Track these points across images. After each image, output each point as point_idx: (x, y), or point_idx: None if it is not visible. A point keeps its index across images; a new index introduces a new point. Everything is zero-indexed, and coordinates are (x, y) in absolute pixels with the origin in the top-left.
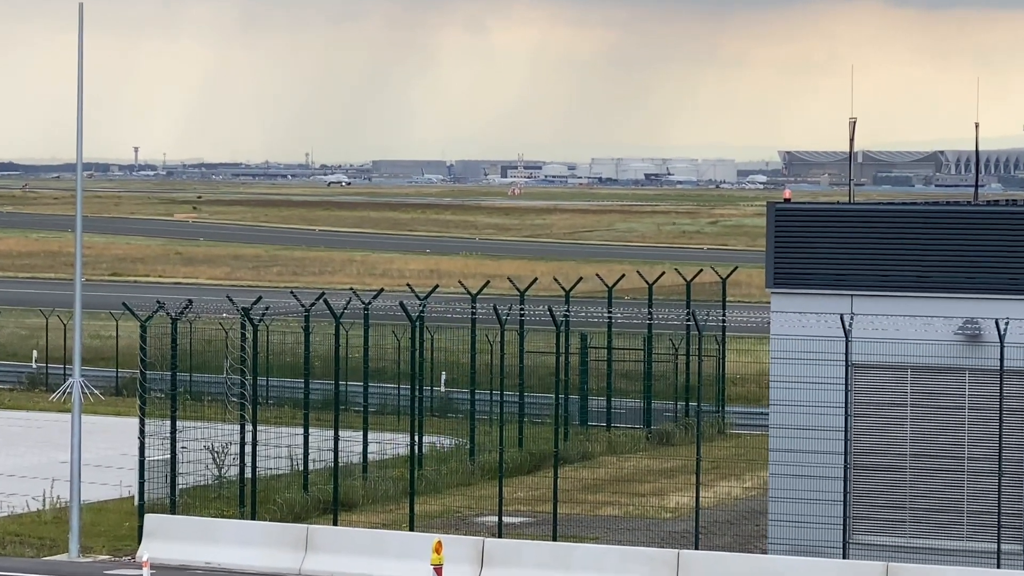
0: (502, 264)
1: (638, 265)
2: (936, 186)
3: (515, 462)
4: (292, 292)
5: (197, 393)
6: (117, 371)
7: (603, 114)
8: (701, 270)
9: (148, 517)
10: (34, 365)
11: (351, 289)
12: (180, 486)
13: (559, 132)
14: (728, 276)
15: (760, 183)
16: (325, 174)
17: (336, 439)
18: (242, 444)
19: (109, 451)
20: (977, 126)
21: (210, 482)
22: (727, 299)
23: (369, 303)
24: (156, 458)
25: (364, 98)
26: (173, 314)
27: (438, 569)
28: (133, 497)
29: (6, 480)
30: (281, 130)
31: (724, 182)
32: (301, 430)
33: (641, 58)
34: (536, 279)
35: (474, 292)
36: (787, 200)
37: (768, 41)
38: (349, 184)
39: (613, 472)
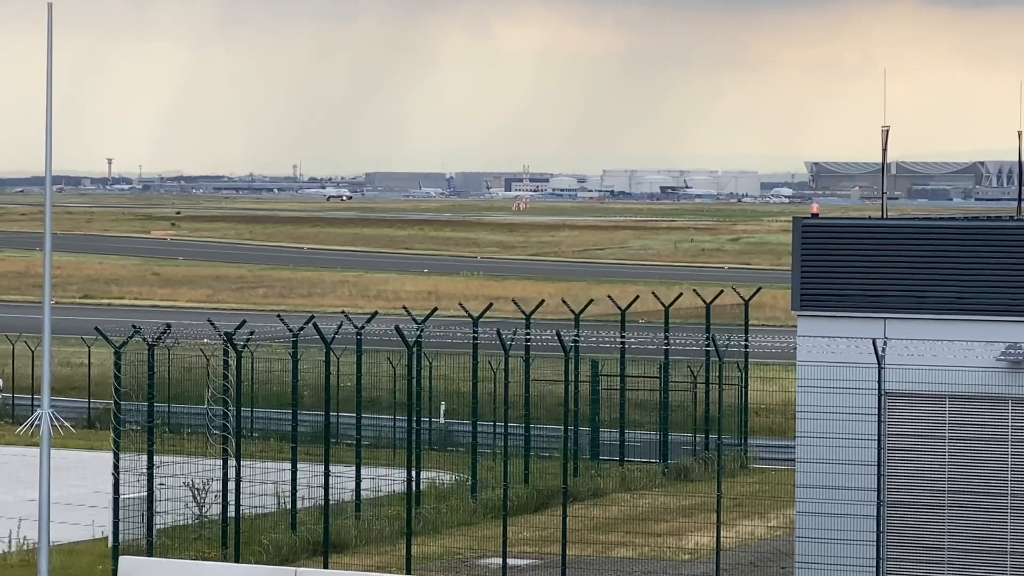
0: (506, 285)
1: (653, 286)
2: (976, 200)
3: (521, 499)
4: (279, 315)
5: (176, 425)
6: (89, 402)
7: (615, 122)
8: (722, 291)
9: (123, 559)
10: None
11: (343, 312)
12: (158, 526)
13: (568, 142)
14: (751, 298)
15: (785, 197)
16: (321, 187)
17: (327, 475)
18: (225, 480)
19: (81, 488)
20: (1021, 135)
21: (190, 521)
22: (750, 322)
23: (362, 327)
24: (132, 496)
25: (357, 105)
26: (150, 340)
27: None
28: (107, 538)
29: None
30: (267, 140)
31: (746, 196)
32: (289, 465)
33: (657, 61)
34: (543, 301)
35: (476, 315)
36: (815, 215)
37: (794, 42)
38: (350, 199)
39: (627, 510)
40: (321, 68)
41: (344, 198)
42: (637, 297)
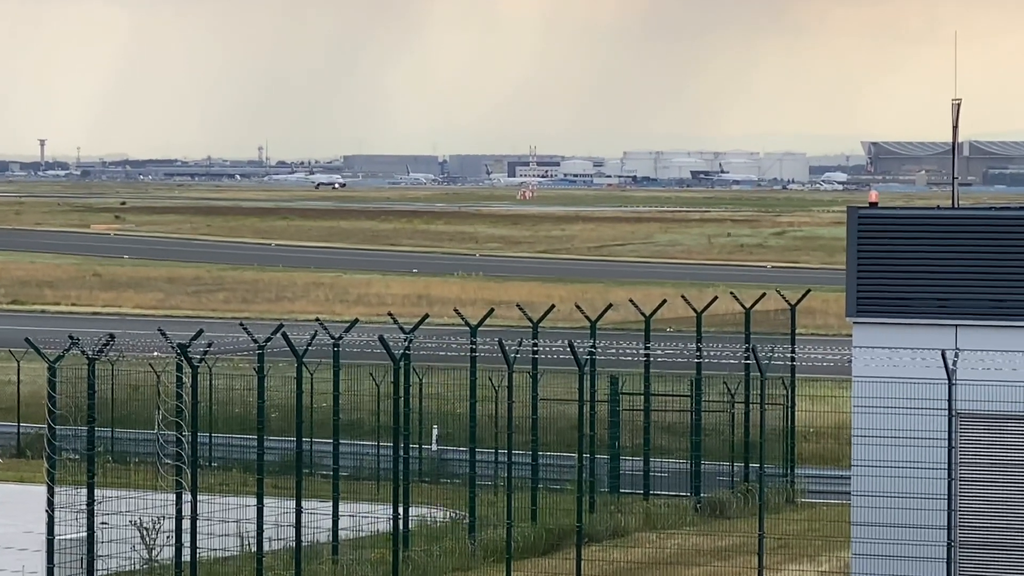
0: (509, 287)
1: (683, 288)
2: None
3: (527, 540)
4: (242, 324)
5: (121, 453)
6: (19, 426)
7: (637, 96)
8: (764, 294)
9: None
10: None
11: (317, 320)
12: (100, 572)
13: (581, 119)
14: (798, 302)
15: (838, 183)
16: (290, 172)
17: (299, 512)
18: (178, 518)
19: (8, 528)
20: None
21: (137, 567)
22: (797, 331)
23: (340, 337)
24: (69, 537)
25: (332, 77)
26: (90, 353)
27: None
28: None
29: None
30: (226, 118)
31: (793, 181)
32: (254, 500)
33: (685, 24)
34: (553, 306)
35: (474, 323)
36: (873, 204)
37: (846, 1)
38: (343, 186)
39: (652, 553)
40: (290, 33)
41: (337, 185)
42: (664, 301)
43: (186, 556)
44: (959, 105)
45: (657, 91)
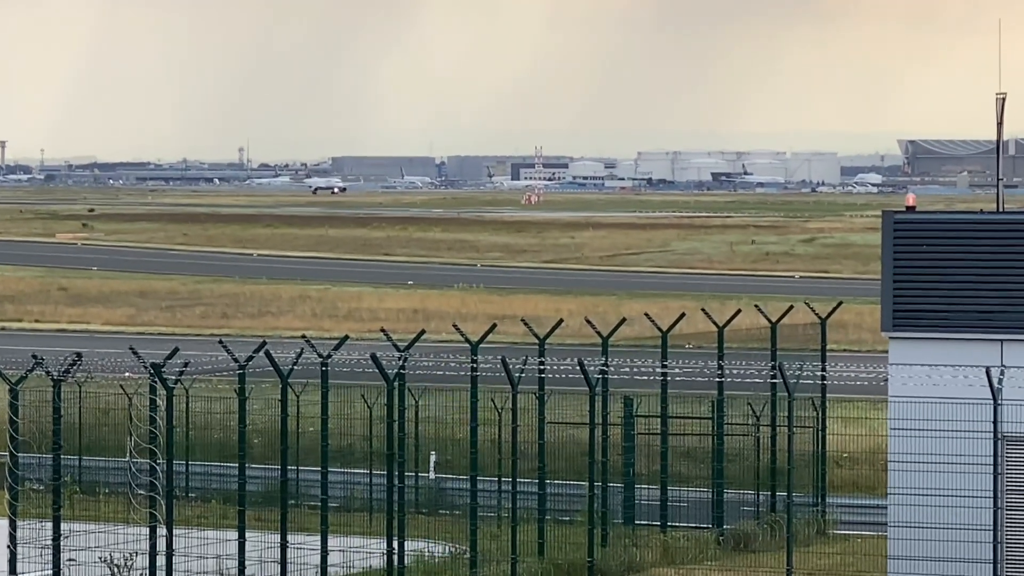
0: (513, 301)
1: (703, 300)
2: None
3: None
4: (221, 341)
5: (90, 483)
6: None
7: (652, 91)
8: (791, 307)
9: None
10: None
11: (303, 337)
12: None
13: (591, 116)
14: (829, 315)
15: (873, 185)
16: (275, 175)
17: (284, 546)
18: (152, 554)
19: None
20: None
21: None
22: (828, 347)
23: (328, 356)
24: (33, 573)
25: (318, 72)
26: (56, 373)
27: None
28: None
29: None
30: (204, 117)
31: (823, 184)
32: (235, 534)
33: (705, 11)
34: (561, 321)
35: (475, 340)
36: (910, 208)
37: None
38: (344, 191)
39: None
40: (272, 24)
41: (336, 190)
42: (683, 315)
43: None
44: (1004, 99)
45: (674, 85)
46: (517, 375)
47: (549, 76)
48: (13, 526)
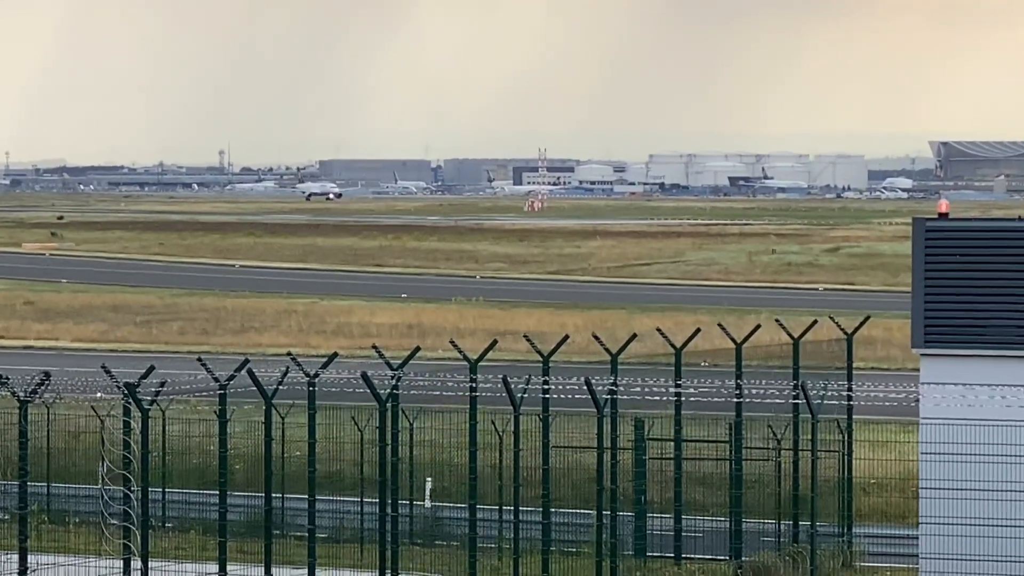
0: (515, 315)
1: (720, 315)
2: None
3: None
4: (200, 359)
5: (59, 512)
6: None
7: (665, 89)
8: (815, 321)
9: None
10: None
11: (289, 354)
12: None
13: (599, 116)
14: (856, 331)
15: (903, 190)
16: (257, 180)
17: None
18: None
19: None
20: None
21: None
22: (855, 365)
23: (316, 375)
24: None
25: (304, 70)
26: (22, 394)
27: None
28: None
29: None
30: (181, 118)
31: (849, 188)
32: (215, 567)
33: (721, 2)
34: (567, 337)
35: (474, 357)
36: (943, 215)
37: None
38: (339, 196)
39: None
40: (254, 19)
41: (331, 196)
42: (698, 331)
43: None
44: None
45: (688, 82)
46: (519, 395)
47: (554, 72)
48: None
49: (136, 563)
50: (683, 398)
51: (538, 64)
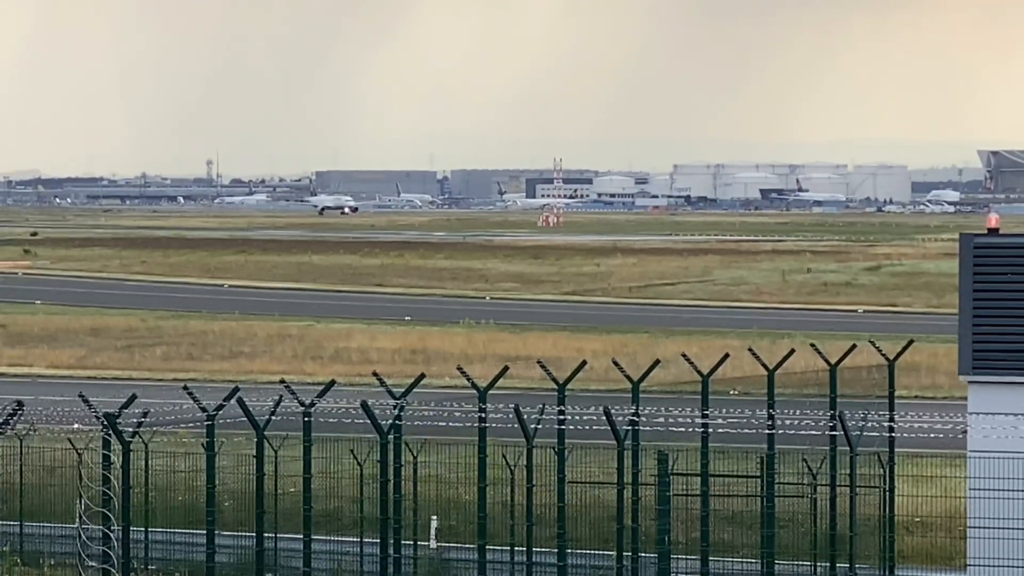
0: (528, 339)
1: (751, 339)
2: None
3: None
4: (186, 387)
5: (33, 553)
6: None
7: (690, 94)
8: (854, 346)
9: None
10: None
11: (282, 382)
12: None
13: (619, 124)
14: (898, 356)
15: (949, 203)
16: (248, 193)
17: None
18: None
19: None
20: None
21: None
22: (897, 393)
23: (312, 404)
24: None
25: (298, 74)
26: None
27: None
28: None
29: None
30: (166, 127)
31: (891, 202)
32: None
33: (749, 2)
34: (584, 363)
35: (483, 385)
36: (993, 230)
37: None
38: (355, 211)
39: None
40: (244, 21)
41: (346, 210)
42: (727, 356)
43: None
44: None
45: (715, 87)
46: (533, 426)
47: (570, 75)
48: None
49: None
50: (711, 429)
51: (553, 66)
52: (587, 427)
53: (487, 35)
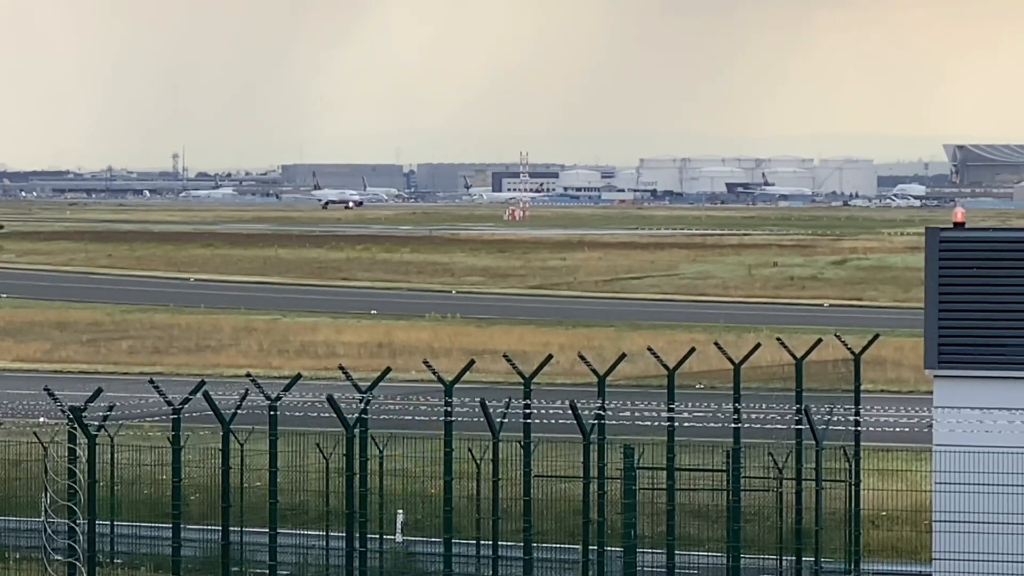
0: (494, 333)
1: (716, 333)
2: None
3: None
4: (152, 381)
5: None
6: None
7: (657, 88)
8: (820, 340)
9: None
10: None
11: (248, 375)
12: None
13: (585, 117)
14: (864, 350)
15: (915, 197)
16: (215, 186)
17: None
18: None
19: None
20: None
21: None
22: (863, 387)
23: (278, 398)
24: None
25: (264, 67)
26: None
27: None
28: None
29: None
30: (132, 120)
31: (857, 196)
32: None
33: None
34: (550, 356)
35: (449, 379)
36: (959, 224)
37: None
38: (360, 204)
39: None
40: (208, 11)
41: (351, 204)
42: (692, 350)
43: None
44: None
45: (682, 80)
46: (499, 420)
47: (535, 70)
48: None
49: None
50: (676, 423)
51: (519, 60)
52: (553, 421)
53: (453, 29)
